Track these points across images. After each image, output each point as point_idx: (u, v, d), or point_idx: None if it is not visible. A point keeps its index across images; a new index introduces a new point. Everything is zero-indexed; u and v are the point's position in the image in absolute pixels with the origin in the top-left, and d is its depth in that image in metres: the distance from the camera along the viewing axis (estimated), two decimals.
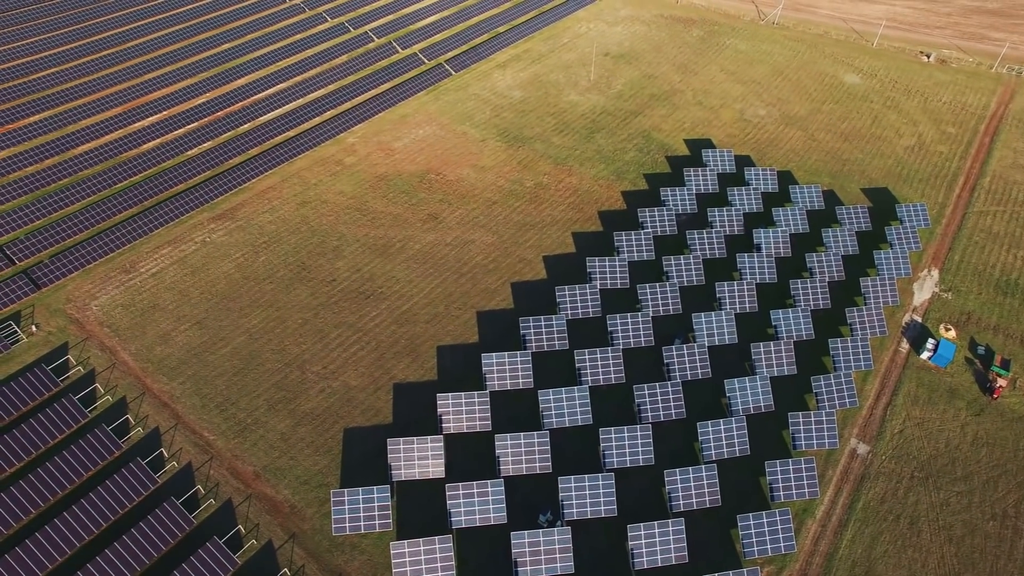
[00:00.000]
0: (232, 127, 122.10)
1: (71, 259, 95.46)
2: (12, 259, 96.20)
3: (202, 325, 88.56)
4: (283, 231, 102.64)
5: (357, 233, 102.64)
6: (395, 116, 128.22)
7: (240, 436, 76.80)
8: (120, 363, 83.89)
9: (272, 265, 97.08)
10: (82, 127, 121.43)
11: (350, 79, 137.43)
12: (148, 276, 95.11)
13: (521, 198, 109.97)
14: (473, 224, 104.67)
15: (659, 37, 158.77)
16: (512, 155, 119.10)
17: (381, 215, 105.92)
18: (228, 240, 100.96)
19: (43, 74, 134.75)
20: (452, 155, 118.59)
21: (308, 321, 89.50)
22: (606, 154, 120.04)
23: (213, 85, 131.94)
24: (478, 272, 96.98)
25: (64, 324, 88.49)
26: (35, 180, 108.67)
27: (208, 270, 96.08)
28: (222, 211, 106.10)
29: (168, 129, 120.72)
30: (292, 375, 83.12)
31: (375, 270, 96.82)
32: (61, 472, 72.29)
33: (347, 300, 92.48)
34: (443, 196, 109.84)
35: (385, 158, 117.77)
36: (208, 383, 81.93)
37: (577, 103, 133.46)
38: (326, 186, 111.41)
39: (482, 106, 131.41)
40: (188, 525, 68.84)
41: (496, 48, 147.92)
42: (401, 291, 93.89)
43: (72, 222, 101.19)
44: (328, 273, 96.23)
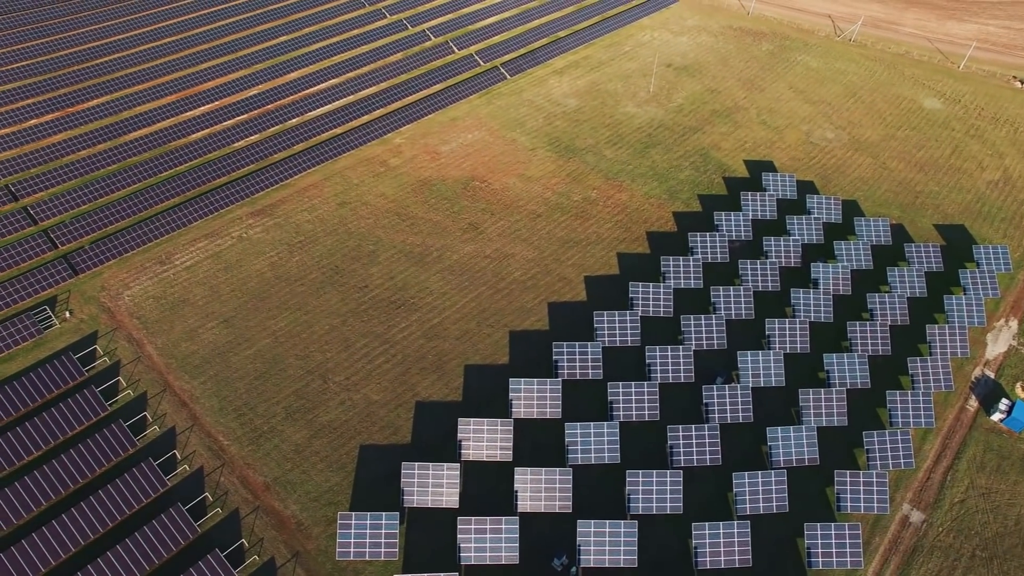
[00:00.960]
0: (280, 121, 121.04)
1: (111, 246, 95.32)
2: (55, 242, 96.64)
3: (229, 324, 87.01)
4: (320, 232, 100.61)
5: (394, 239, 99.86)
6: (445, 118, 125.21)
7: (254, 444, 74.69)
8: (145, 356, 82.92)
9: (305, 266, 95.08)
10: (136, 113, 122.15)
11: (402, 78, 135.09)
12: (182, 269, 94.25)
13: (567, 212, 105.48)
14: (514, 237, 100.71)
15: (726, 49, 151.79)
16: (561, 166, 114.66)
17: (420, 221, 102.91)
18: (264, 237, 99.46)
19: (107, 59, 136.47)
20: (499, 163, 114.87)
21: (335, 328, 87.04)
22: (660, 171, 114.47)
23: (266, 77, 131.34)
24: (515, 289, 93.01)
25: (96, 312, 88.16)
26: (87, 164, 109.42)
27: (241, 267, 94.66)
28: (262, 207, 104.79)
29: (217, 120, 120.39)
30: (313, 384, 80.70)
31: (409, 279, 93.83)
32: (75, 466, 71.36)
33: (377, 308, 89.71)
34: (486, 205, 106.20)
35: (430, 162, 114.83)
36: (228, 385, 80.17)
37: (634, 115, 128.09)
38: (368, 187, 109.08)
39: (535, 113, 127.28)
40: (192, 534, 66.92)
41: (554, 53, 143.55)
42: (433, 303, 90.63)
43: (115, 209, 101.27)
44: (361, 279, 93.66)
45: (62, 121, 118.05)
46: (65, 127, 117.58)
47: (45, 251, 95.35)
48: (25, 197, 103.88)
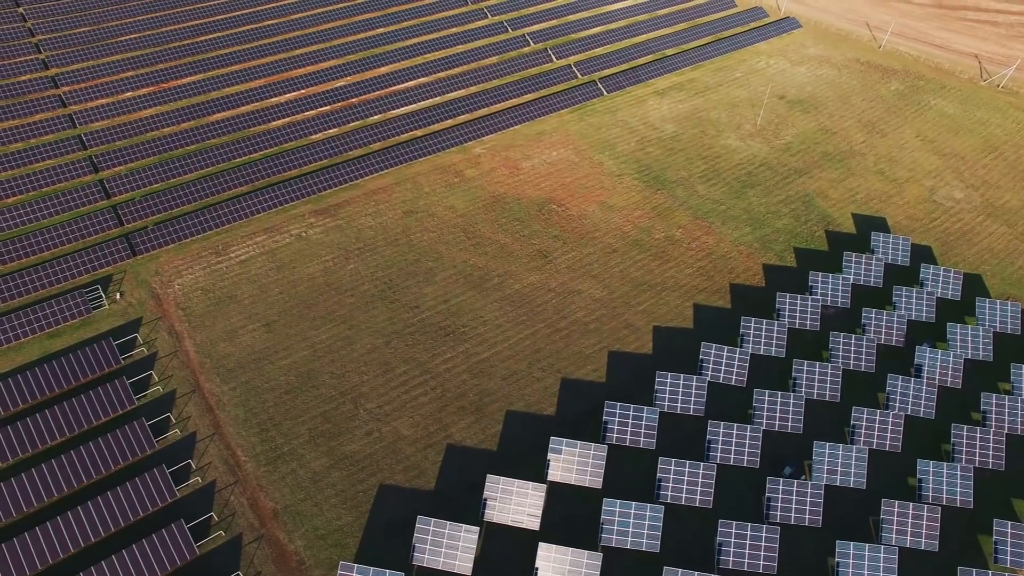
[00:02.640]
0: (361, 116, 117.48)
1: (172, 230, 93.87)
2: (121, 219, 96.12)
3: (271, 328, 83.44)
4: (380, 240, 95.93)
5: (456, 257, 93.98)
6: (531, 131, 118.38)
7: (271, 464, 70.46)
8: (182, 352, 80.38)
9: (359, 276, 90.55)
10: (224, 95, 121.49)
11: (494, 83, 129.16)
12: (236, 263, 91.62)
13: (646, 251, 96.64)
14: (584, 272, 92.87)
15: (848, 85, 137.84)
16: (647, 198, 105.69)
17: (487, 242, 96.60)
18: (323, 239, 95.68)
19: (206, 37, 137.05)
20: (581, 186, 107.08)
21: (377, 348, 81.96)
22: (755, 215, 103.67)
23: (356, 69, 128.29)
24: (576, 330, 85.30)
25: (145, 298, 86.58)
26: (168, 142, 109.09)
27: (294, 268, 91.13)
28: (326, 205, 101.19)
29: (300, 109, 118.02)
30: (344, 407, 75.83)
31: (464, 304, 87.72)
32: (91, 460, 69.09)
33: (425, 333, 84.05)
34: (559, 232, 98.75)
35: (508, 177, 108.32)
36: (257, 395, 76.41)
37: (735, 149, 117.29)
38: (438, 197, 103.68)
39: (627, 136, 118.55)
40: (190, 555, 63.14)
41: (658, 72, 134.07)
42: (485, 335, 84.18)
43: (184, 191, 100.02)
44: (414, 298, 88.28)
45: (155, 96, 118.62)
46: (156, 102, 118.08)
47: (110, 227, 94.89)
48: (104, 170, 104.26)
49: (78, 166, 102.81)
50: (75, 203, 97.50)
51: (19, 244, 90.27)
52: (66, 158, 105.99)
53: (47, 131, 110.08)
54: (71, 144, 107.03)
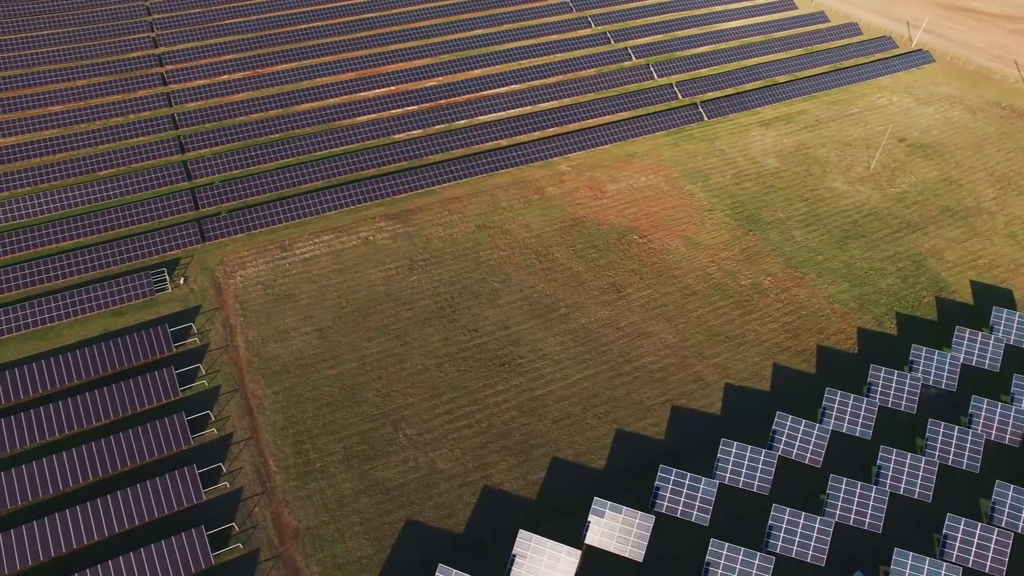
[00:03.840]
0: (447, 120, 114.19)
1: (244, 219, 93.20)
2: (197, 203, 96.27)
3: (323, 334, 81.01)
4: (448, 253, 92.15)
5: (524, 281, 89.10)
6: (621, 152, 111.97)
7: (301, 479, 67.69)
8: (233, 347, 79.01)
9: (420, 290, 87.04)
10: (315, 84, 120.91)
11: (588, 97, 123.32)
12: (299, 260, 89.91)
13: (728, 297, 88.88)
14: (658, 313, 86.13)
15: (983, 132, 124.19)
16: (738, 238, 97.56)
17: (559, 268, 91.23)
18: (390, 245, 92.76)
19: (306, 26, 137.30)
20: (667, 218, 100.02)
21: (427, 370, 78.13)
22: (856, 271, 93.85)
23: (448, 70, 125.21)
24: (640, 378, 78.87)
25: (207, 286, 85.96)
26: (254, 128, 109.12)
27: (356, 273, 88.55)
28: (398, 210, 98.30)
29: (387, 106, 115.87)
30: (383, 429, 72.33)
31: (524, 334, 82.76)
32: (127, 448, 68.27)
33: (479, 360, 79.62)
34: (637, 266, 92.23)
35: (591, 200, 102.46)
36: (299, 404, 73.96)
37: (842, 193, 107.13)
38: (515, 214, 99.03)
39: (724, 167, 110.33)
40: (206, 564, 61.00)
41: (766, 100, 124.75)
42: (542, 370, 78.97)
43: (261, 181, 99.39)
44: (473, 319, 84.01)
45: (249, 81, 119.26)
46: (249, 87, 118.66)
47: (185, 210, 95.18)
48: (190, 151, 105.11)
49: (166, 145, 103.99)
50: (157, 182, 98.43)
51: (100, 218, 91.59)
52: (157, 136, 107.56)
53: (145, 108, 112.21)
54: (164, 123, 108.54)
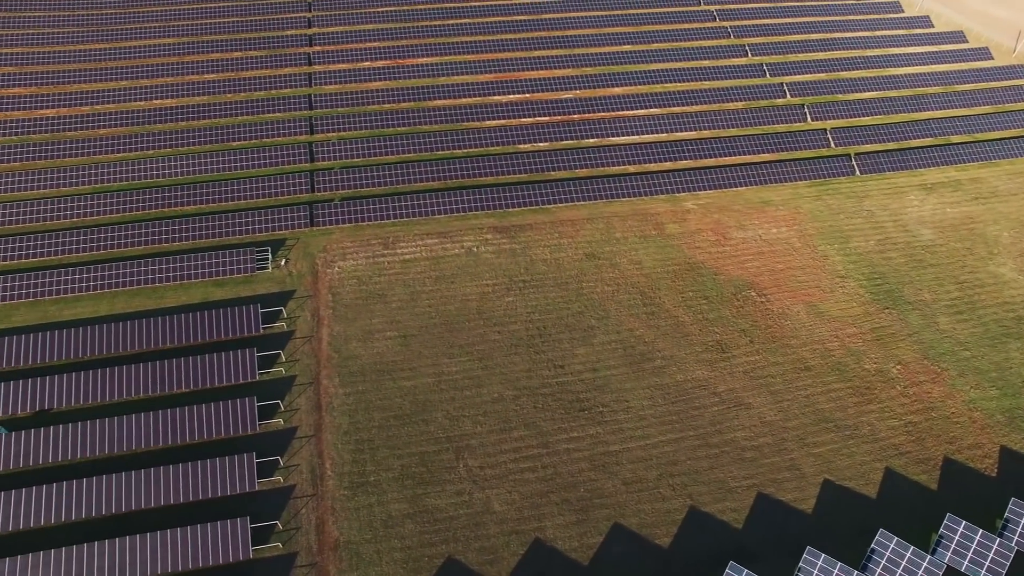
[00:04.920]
0: (576, 136, 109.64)
1: (354, 209, 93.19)
2: (313, 186, 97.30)
3: (406, 342, 79.09)
4: (550, 279, 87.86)
5: (623, 323, 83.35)
6: (755, 197, 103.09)
7: (352, 490, 65.88)
8: (316, 339, 78.68)
9: (513, 313, 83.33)
10: (450, 82, 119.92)
11: (731, 132, 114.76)
12: (398, 260, 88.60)
13: (847, 380, 79.05)
14: (763, 384, 77.88)
15: None
16: (870, 314, 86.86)
17: (663, 314, 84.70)
18: (492, 260, 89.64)
19: (452, 21, 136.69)
20: (793, 278, 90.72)
21: (503, 400, 74.34)
22: (1011, 378, 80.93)
23: (588, 84, 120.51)
24: (728, 453, 71.36)
25: (305, 271, 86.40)
26: (383, 119, 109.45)
27: (452, 283, 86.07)
28: (508, 224, 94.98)
29: (517, 114, 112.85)
30: (445, 455, 69.27)
31: (612, 380, 77.17)
32: (194, 422, 69.17)
33: (559, 400, 74.90)
34: (749, 326, 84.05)
35: (713, 245, 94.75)
36: (367, 410, 72.32)
37: (1008, 282, 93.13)
38: (628, 247, 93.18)
39: (868, 231, 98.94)
40: (244, 556, 60.48)
41: (933, 161, 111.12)
42: (623, 424, 73.18)
43: (379, 173, 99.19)
44: (562, 355, 79.34)
45: (387, 71, 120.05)
46: (387, 77, 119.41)
47: (301, 191, 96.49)
48: (318, 133, 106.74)
49: (297, 125, 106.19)
50: (281, 160, 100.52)
51: (222, 188, 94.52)
52: (291, 114, 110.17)
53: (287, 85, 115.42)
54: (300, 102, 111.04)
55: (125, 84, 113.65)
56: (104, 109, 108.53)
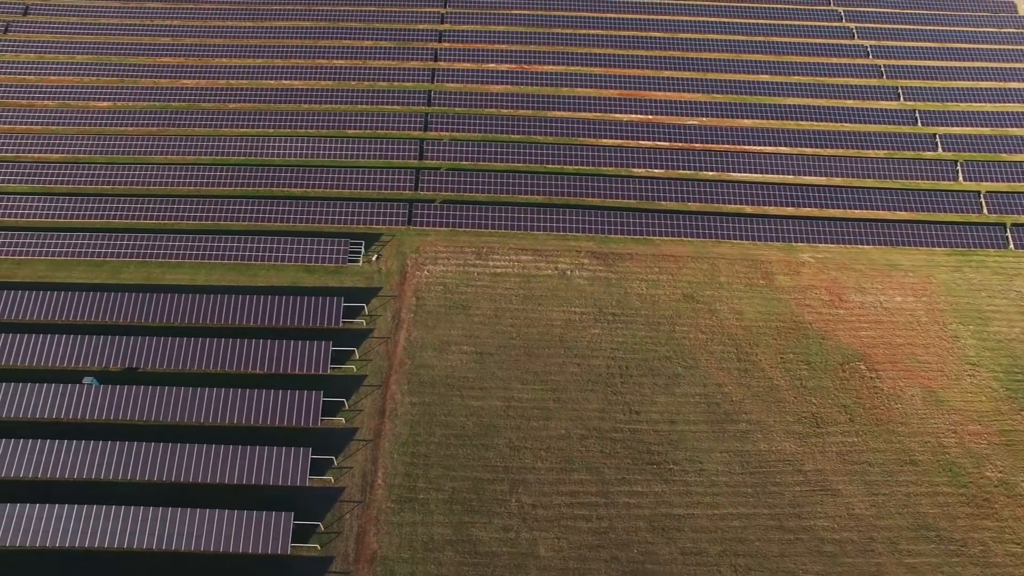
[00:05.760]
0: (695, 167, 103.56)
1: (453, 213, 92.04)
2: (417, 184, 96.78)
3: (481, 360, 76.82)
4: (642, 316, 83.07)
5: (711, 376, 77.52)
6: (883, 258, 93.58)
7: (400, 503, 64.37)
8: (393, 341, 77.84)
9: (597, 347, 79.28)
10: (572, 94, 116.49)
11: (866, 182, 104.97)
12: (488, 273, 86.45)
13: (961, 486, 69.78)
14: (857, 471, 70.06)
15: None
16: (1002, 413, 76.47)
17: (757, 374, 78.12)
18: (585, 287, 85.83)
19: (584, 31, 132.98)
20: (913, 357, 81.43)
21: (569, 438, 70.64)
22: None
23: (715, 111, 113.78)
24: (804, 542, 64.48)
25: (395, 270, 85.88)
26: (499, 124, 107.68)
27: (539, 305, 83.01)
28: (607, 251, 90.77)
29: (636, 135, 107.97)
30: (499, 486, 66.47)
31: (689, 437, 71.75)
32: (258, 407, 69.93)
33: (628, 448, 70.37)
34: (852, 403, 76.04)
35: (825, 305, 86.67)
36: (429, 425, 70.61)
37: None
38: (730, 294, 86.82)
39: (1015, 316, 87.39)
40: (282, 551, 60.32)
41: None
42: (693, 487, 67.76)
43: (484, 179, 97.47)
44: (640, 400, 74.62)
45: (511, 75, 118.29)
46: (510, 81, 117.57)
47: (404, 188, 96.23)
48: (432, 131, 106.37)
49: (413, 120, 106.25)
50: (391, 154, 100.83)
51: (330, 175, 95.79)
52: (408, 108, 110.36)
53: (410, 79, 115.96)
54: (419, 97, 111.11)
55: (260, 62, 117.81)
56: (237, 84, 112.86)
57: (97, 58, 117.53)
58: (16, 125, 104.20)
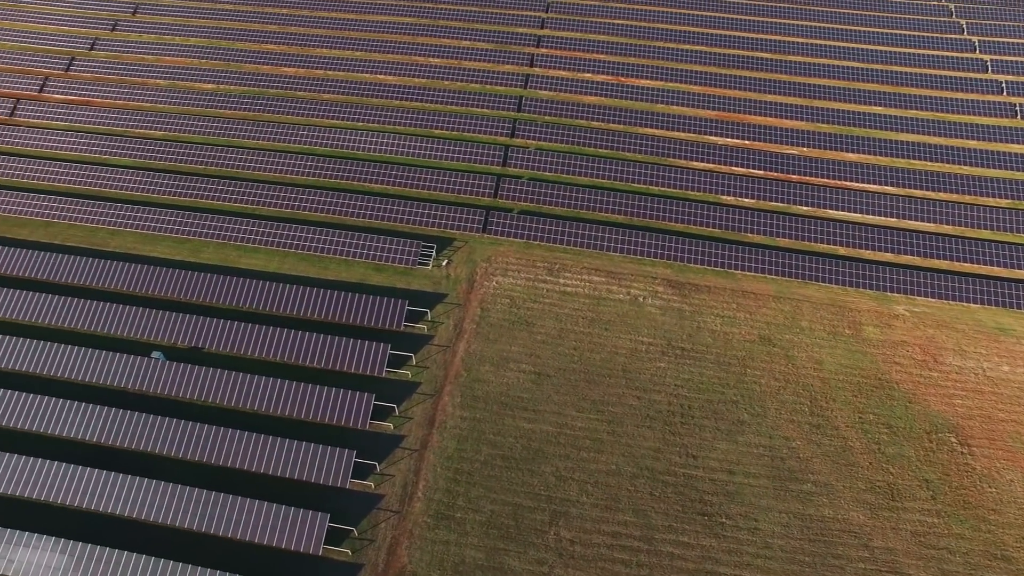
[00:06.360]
0: (788, 200, 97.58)
1: (529, 224, 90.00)
2: (497, 191, 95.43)
3: (539, 380, 74.57)
4: (712, 354, 78.70)
5: (779, 428, 72.47)
6: (989, 320, 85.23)
7: (436, 520, 63.01)
8: (451, 351, 76.65)
9: (660, 381, 75.60)
10: (668, 111, 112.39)
11: (981, 233, 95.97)
12: (558, 291, 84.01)
13: None
14: (933, 556, 63.63)
15: None
16: None
17: (830, 431, 72.45)
18: (656, 316, 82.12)
19: (687, 47, 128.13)
20: (1012, 434, 73.55)
21: (619, 475, 67.45)
22: None
23: (818, 142, 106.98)
24: None
25: (463, 278, 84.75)
26: (588, 137, 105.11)
27: (606, 331, 79.96)
28: (684, 280, 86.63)
29: (730, 160, 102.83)
30: (539, 515, 64.10)
31: (747, 491, 67.17)
32: (308, 401, 70.03)
33: (680, 494, 66.54)
34: (936, 479, 69.30)
35: (917, 365, 79.66)
36: (476, 442, 68.98)
37: None
38: (811, 340, 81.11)
39: None
40: (314, 551, 60.06)
41: None
42: (743, 546, 63.30)
43: (565, 193, 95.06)
44: (699, 445, 70.54)
45: (606, 87, 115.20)
46: (604, 93, 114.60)
47: (484, 194, 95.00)
48: (518, 138, 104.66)
49: (500, 125, 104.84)
50: (475, 158, 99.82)
51: (410, 174, 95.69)
52: (497, 113, 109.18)
53: (502, 83, 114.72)
54: (510, 102, 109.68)
55: (359, 55, 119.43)
56: (334, 76, 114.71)
57: (209, 41, 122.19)
58: (129, 101, 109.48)
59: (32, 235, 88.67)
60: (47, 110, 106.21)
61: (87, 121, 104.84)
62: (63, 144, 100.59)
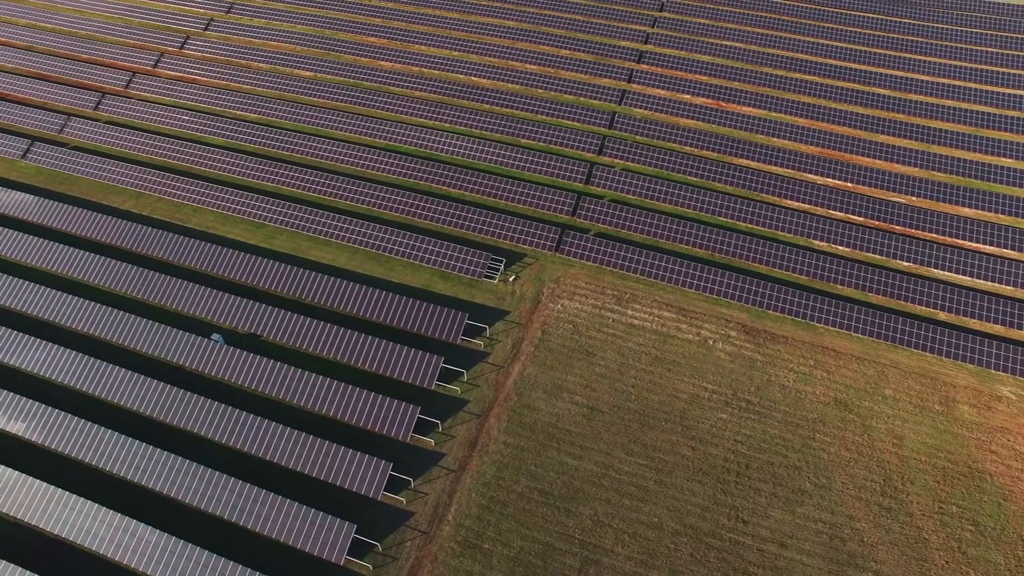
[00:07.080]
0: (889, 253, 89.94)
1: (604, 249, 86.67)
2: (575, 210, 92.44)
3: (591, 416, 71.30)
4: (780, 411, 73.22)
5: (844, 504, 66.45)
6: None
7: (462, 548, 60.98)
8: (504, 373, 74.40)
9: (720, 434, 70.87)
10: (767, 143, 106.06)
11: None
12: (624, 322, 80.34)
13: None
14: None
15: None
16: None
17: (903, 518, 65.86)
18: (724, 363, 77.23)
19: (798, 76, 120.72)
20: None
21: (661, 529, 63.44)
22: None
23: (931, 192, 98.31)
24: None
25: (528, 296, 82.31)
26: (678, 163, 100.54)
27: (668, 371, 75.76)
28: (760, 327, 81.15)
29: (828, 203, 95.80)
30: (569, 559, 61.02)
31: (798, 570, 61.81)
32: (354, 405, 69.35)
33: (722, 560, 61.92)
34: None
35: (1017, 457, 71.50)
36: (516, 472, 66.46)
37: None
38: (894, 414, 74.22)
39: None
40: (338, 560, 59.22)
41: None
42: None
43: (646, 220, 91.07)
44: (752, 509, 65.57)
45: (705, 111, 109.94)
46: (701, 117, 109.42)
47: (561, 212, 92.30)
48: (605, 155, 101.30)
49: (589, 140, 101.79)
50: (558, 172, 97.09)
51: (491, 182, 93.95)
52: (587, 127, 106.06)
53: (597, 97, 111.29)
54: (601, 118, 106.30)
55: (456, 55, 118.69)
56: (429, 74, 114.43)
57: (313, 30, 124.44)
58: (231, 83, 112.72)
59: (123, 204, 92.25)
60: (158, 85, 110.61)
61: (189, 98, 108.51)
62: (165, 119, 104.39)
